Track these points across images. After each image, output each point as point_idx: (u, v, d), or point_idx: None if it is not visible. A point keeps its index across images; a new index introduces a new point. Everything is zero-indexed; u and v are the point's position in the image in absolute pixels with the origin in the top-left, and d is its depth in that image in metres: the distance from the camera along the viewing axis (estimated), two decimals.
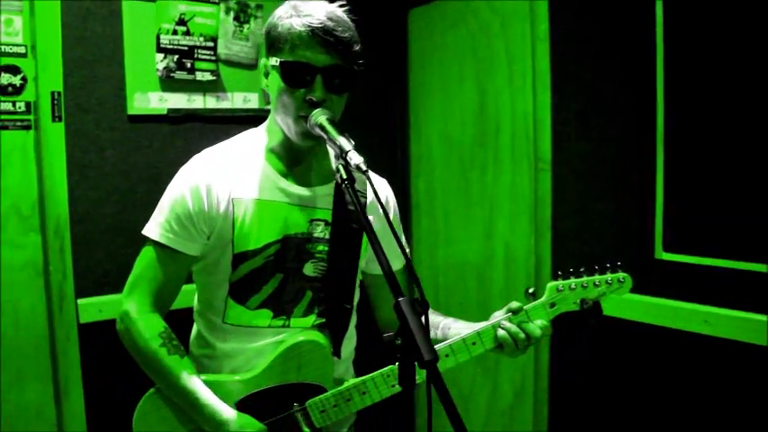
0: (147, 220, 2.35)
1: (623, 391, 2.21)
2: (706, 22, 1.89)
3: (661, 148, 2.03)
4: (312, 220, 1.44)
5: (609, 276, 1.43)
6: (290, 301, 1.44)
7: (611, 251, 2.18)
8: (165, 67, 2.43)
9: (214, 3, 2.50)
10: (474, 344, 1.39)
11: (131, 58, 2.39)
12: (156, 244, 1.42)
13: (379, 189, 1.52)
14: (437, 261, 3.00)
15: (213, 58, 2.52)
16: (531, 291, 1.45)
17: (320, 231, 1.45)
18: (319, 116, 1.29)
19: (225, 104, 2.56)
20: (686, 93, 1.95)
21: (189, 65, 2.47)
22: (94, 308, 2.37)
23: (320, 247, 1.45)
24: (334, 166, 1.47)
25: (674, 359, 2.06)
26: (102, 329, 2.36)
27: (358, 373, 1.50)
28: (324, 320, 1.48)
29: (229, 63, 2.56)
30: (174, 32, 2.44)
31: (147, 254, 1.44)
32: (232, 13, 2.54)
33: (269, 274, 1.41)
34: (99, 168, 2.37)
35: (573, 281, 1.42)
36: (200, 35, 2.49)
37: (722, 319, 1.92)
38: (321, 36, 1.29)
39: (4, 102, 2.26)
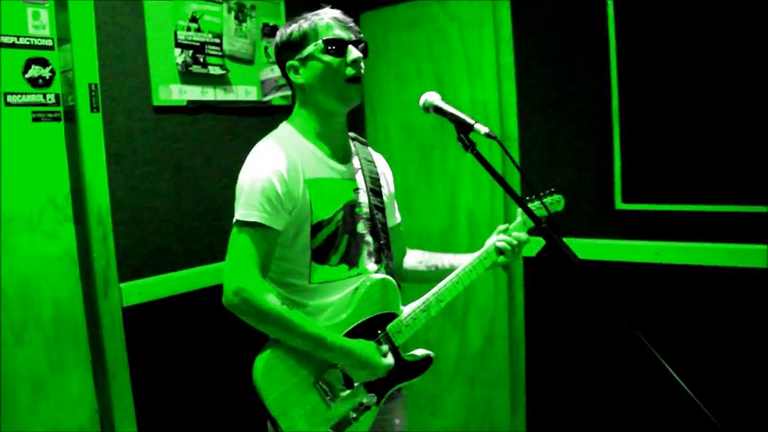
0: (173, 205, 2.57)
1: (596, 322, 2.82)
2: (653, 14, 2.55)
3: (617, 125, 2.66)
4: (354, 189, 1.82)
5: (550, 198, 2.05)
6: (356, 254, 1.81)
7: (577, 208, 2.79)
8: (183, 62, 2.59)
9: (218, 2, 2.70)
10: (485, 258, 1.88)
11: (154, 53, 2.52)
12: (252, 225, 1.63)
13: (382, 162, 2.01)
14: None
15: (220, 53, 2.72)
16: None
17: (360, 197, 1.84)
18: (433, 99, 1.70)
19: (230, 96, 2.77)
20: (640, 84, 2.61)
21: (202, 59, 2.65)
22: (135, 291, 2.47)
23: (364, 210, 1.84)
24: (351, 145, 1.89)
25: (635, 287, 2.70)
26: (142, 311, 2.48)
27: None
28: (379, 265, 1.88)
29: (233, 58, 2.77)
30: (188, 29, 2.61)
31: (244, 236, 1.64)
32: (233, 12, 2.75)
33: (340, 235, 1.76)
34: (130, 157, 2.47)
35: (530, 205, 1.96)
36: (209, 32, 2.68)
37: (669, 249, 2.61)
38: (342, 21, 1.74)
39: (36, 94, 2.28)
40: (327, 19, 1.72)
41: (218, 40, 2.71)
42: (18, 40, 2.24)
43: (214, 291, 2.68)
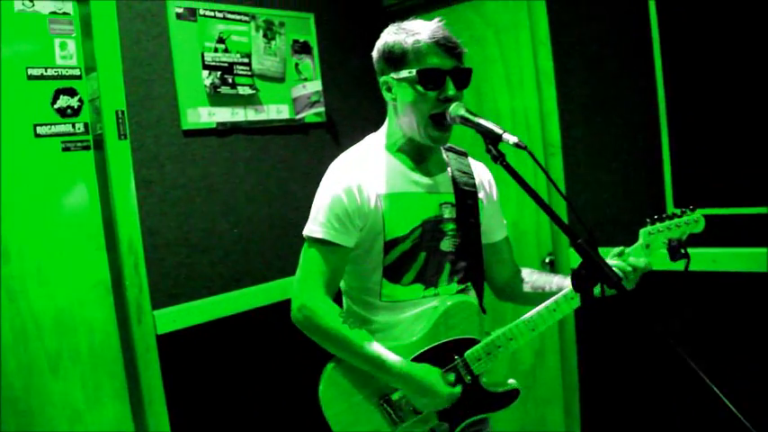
0: (206, 229, 2.51)
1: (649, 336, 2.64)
2: (697, 8, 2.37)
3: (665, 126, 2.49)
4: (441, 204, 1.69)
5: (686, 218, 1.72)
6: (435, 274, 1.69)
7: (625, 214, 2.62)
8: (211, 83, 2.56)
9: (245, 21, 2.67)
10: None
11: (181, 76, 2.50)
12: (319, 242, 1.60)
13: (483, 172, 1.83)
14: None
15: (249, 73, 2.68)
16: (547, 260, 1.74)
17: (448, 212, 1.70)
18: (458, 109, 1.56)
19: (262, 116, 2.73)
20: (687, 82, 2.43)
21: (230, 80, 2.61)
22: (169, 318, 2.44)
23: (450, 226, 1.70)
24: (444, 156, 1.76)
25: (690, 297, 2.51)
26: (177, 338, 2.45)
27: None
28: (464, 285, 1.75)
29: (263, 77, 2.73)
30: (216, 50, 2.58)
31: (311, 252, 1.62)
32: (261, 31, 2.72)
33: (416, 253, 1.65)
34: (160, 183, 2.45)
35: (659, 225, 1.70)
36: (237, 52, 2.65)
37: (726, 256, 2.41)
38: (445, 45, 1.57)
39: (65, 123, 2.29)
40: (430, 41, 1.56)
41: (246, 60, 2.68)
42: (46, 71, 2.26)
43: (248, 315, 2.65)
